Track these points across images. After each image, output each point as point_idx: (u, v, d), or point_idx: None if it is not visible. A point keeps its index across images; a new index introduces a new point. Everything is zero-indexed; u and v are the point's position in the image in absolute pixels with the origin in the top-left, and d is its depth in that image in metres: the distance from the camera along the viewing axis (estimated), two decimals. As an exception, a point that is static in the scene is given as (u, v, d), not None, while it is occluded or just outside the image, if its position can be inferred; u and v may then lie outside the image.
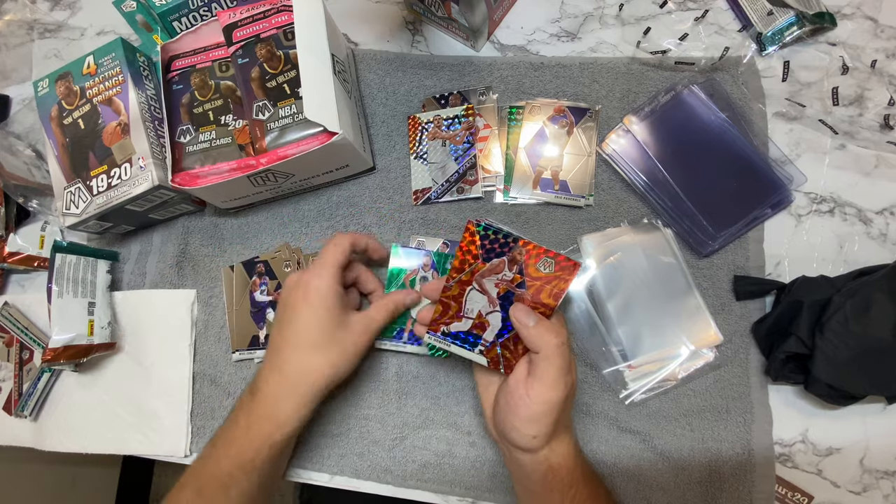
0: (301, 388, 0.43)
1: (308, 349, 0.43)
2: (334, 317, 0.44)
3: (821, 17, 0.52)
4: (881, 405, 0.47)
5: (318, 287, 0.44)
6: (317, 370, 0.43)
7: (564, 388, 0.39)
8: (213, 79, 0.54)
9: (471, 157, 0.54)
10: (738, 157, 0.51)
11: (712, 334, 0.48)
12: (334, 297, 0.44)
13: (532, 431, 0.39)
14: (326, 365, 0.43)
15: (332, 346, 0.44)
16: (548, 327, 0.39)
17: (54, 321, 0.52)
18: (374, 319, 0.46)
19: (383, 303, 0.47)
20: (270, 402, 0.43)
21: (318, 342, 0.43)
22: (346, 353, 0.44)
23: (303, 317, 0.44)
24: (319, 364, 0.43)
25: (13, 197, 0.60)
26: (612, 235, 0.52)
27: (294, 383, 0.43)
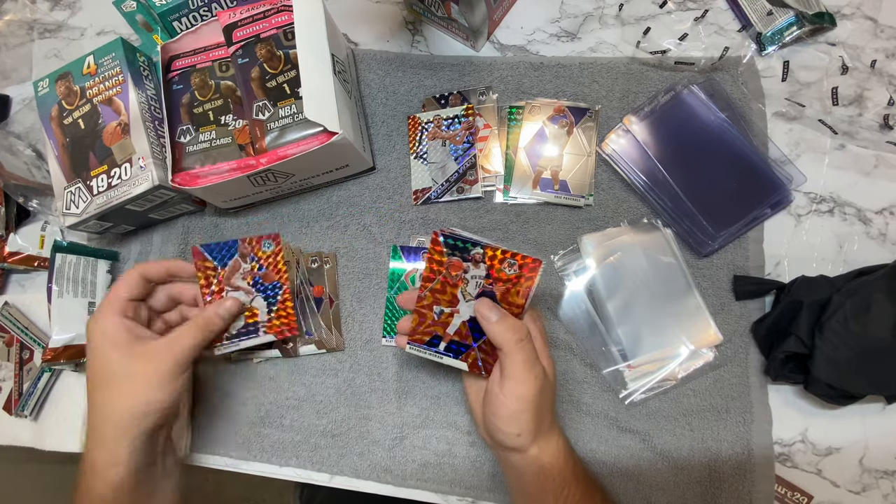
0: (108, 431, 0.41)
1: (102, 390, 0.42)
2: (123, 351, 0.42)
3: (820, 17, 0.52)
4: (881, 405, 0.47)
5: (98, 329, 0.43)
6: (116, 408, 0.41)
7: (534, 381, 0.39)
8: (213, 79, 0.54)
9: (471, 156, 0.54)
10: (737, 157, 0.51)
11: (712, 334, 0.48)
12: (116, 332, 0.42)
13: (514, 429, 0.40)
14: (125, 402, 0.41)
15: (127, 381, 0.41)
16: (508, 325, 0.40)
17: (54, 321, 0.52)
18: (175, 340, 0.43)
19: (193, 321, 0.45)
20: (87, 451, 0.42)
21: (111, 381, 0.42)
22: (149, 381, 0.41)
23: (92, 360, 0.43)
24: (118, 402, 0.41)
25: (13, 197, 0.60)
26: (611, 235, 0.52)
27: (100, 428, 0.42)
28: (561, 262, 0.52)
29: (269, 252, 0.48)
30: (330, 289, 0.55)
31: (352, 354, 0.54)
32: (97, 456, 0.41)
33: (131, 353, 0.42)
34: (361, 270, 0.55)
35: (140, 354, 0.42)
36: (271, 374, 0.55)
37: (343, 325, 0.55)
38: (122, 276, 0.46)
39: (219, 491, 1.30)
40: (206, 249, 0.47)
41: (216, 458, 0.54)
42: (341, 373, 0.54)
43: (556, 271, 0.53)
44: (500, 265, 0.40)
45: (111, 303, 0.44)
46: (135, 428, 0.41)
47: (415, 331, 0.43)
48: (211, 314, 0.46)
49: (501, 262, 0.40)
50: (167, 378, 0.42)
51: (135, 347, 0.42)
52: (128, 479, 0.41)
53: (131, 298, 0.45)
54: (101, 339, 0.42)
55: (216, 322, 0.46)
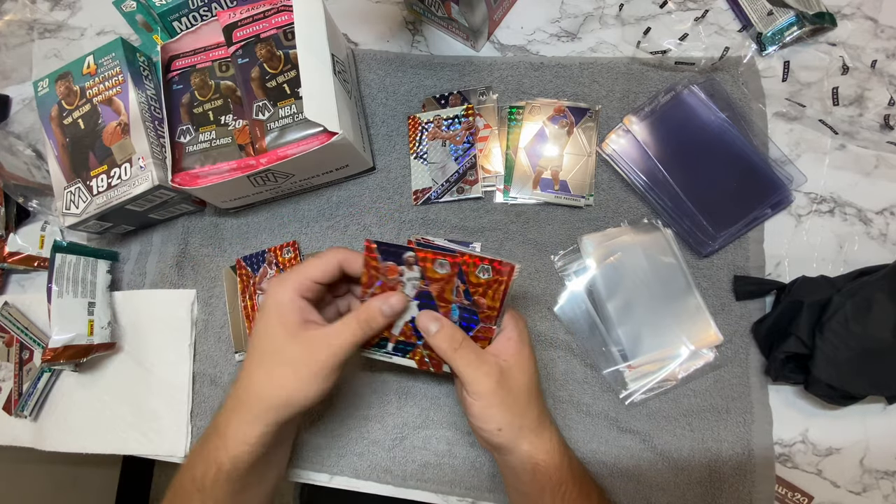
0: (248, 407, 0.40)
1: (257, 366, 0.41)
2: (289, 331, 0.40)
3: (821, 17, 0.52)
4: (881, 405, 0.47)
5: (275, 300, 0.40)
6: (266, 391, 0.40)
7: (484, 377, 0.40)
8: (213, 79, 0.54)
9: (471, 157, 0.54)
10: (738, 157, 0.51)
11: (712, 334, 0.48)
12: (289, 310, 0.40)
13: (491, 425, 0.40)
14: (274, 387, 0.40)
15: (281, 366, 0.40)
16: (445, 335, 0.41)
17: (54, 321, 0.52)
18: (336, 334, 0.40)
19: (353, 314, 0.41)
20: (222, 418, 0.41)
21: (266, 361, 0.40)
22: (300, 373, 0.39)
23: (258, 331, 0.41)
24: (267, 385, 0.40)
25: (13, 197, 0.60)
26: (612, 235, 0.52)
27: (243, 402, 0.41)
28: (561, 262, 0.52)
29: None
30: (330, 289, 0.55)
31: (351, 354, 0.54)
32: (233, 428, 0.40)
33: (295, 336, 0.40)
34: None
35: (302, 340, 0.40)
36: (271, 375, 0.55)
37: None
38: (323, 254, 0.42)
39: (219, 491, 1.29)
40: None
41: (216, 459, 0.54)
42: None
43: (557, 271, 0.52)
44: (474, 271, 0.40)
45: (297, 278, 0.41)
46: (276, 415, 0.40)
47: None
48: (375, 309, 0.41)
49: (476, 268, 0.40)
50: (321, 374, 0.39)
51: (300, 332, 0.40)
52: (248, 459, 0.40)
53: (318, 281, 0.41)
54: (274, 312, 0.40)
55: (378, 319, 0.41)
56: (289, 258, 0.55)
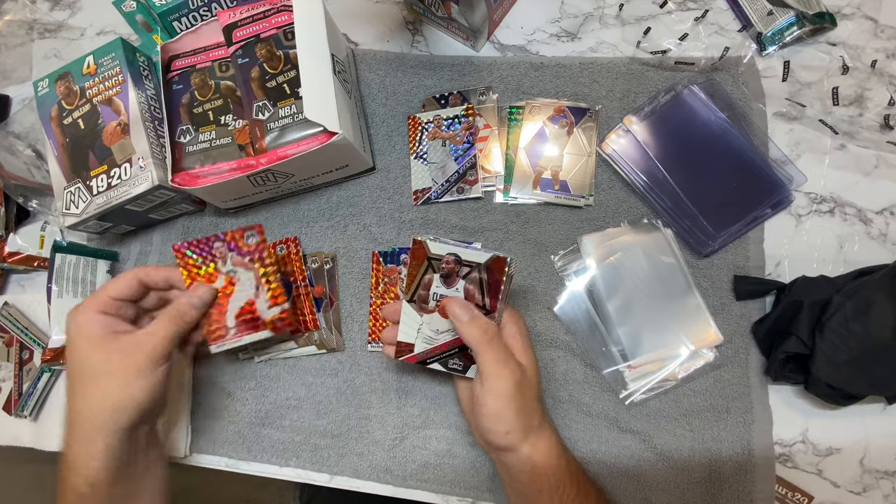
0: (85, 426, 0.40)
1: (79, 387, 0.41)
2: (96, 345, 0.41)
3: (821, 17, 0.52)
4: (881, 405, 0.47)
5: (76, 322, 0.42)
6: (90, 405, 0.40)
7: (509, 376, 0.40)
8: (213, 79, 0.54)
9: (471, 157, 0.54)
10: (737, 157, 0.51)
11: (712, 334, 0.48)
12: (93, 327, 0.41)
13: (502, 427, 0.40)
14: (99, 398, 0.40)
15: (101, 375, 0.40)
16: (478, 324, 0.40)
17: (54, 321, 0.52)
18: (149, 334, 0.42)
19: (164, 311, 0.43)
20: (65, 447, 0.41)
21: (84, 376, 0.41)
22: (118, 378, 0.40)
23: (71, 354, 0.42)
24: (91, 398, 0.40)
25: (13, 197, 0.60)
26: (612, 235, 0.52)
27: (74, 425, 0.41)
28: (561, 262, 0.52)
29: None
30: (330, 289, 0.55)
31: (352, 355, 0.54)
32: (74, 452, 0.41)
33: (106, 348, 0.41)
34: (361, 271, 0.55)
35: (114, 349, 0.41)
36: (271, 375, 0.55)
37: (343, 326, 0.55)
38: (119, 275, 0.45)
39: (219, 491, 1.30)
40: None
41: (216, 458, 0.54)
42: (341, 373, 0.54)
43: (557, 271, 0.52)
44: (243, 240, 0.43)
45: (93, 299, 0.43)
46: (111, 424, 0.40)
47: None
48: (183, 304, 0.44)
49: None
50: (142, 373, 0.41)
51: (110, 342, 0.41)
52: (105, 475, 0.40)
53: (118, 298, 0.44)
54: (75, 333, 0.42)
55: (189, 312, 0.44)
56: (283, 255, 0.54)
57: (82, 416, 0.41)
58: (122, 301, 0.44)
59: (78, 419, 0.41)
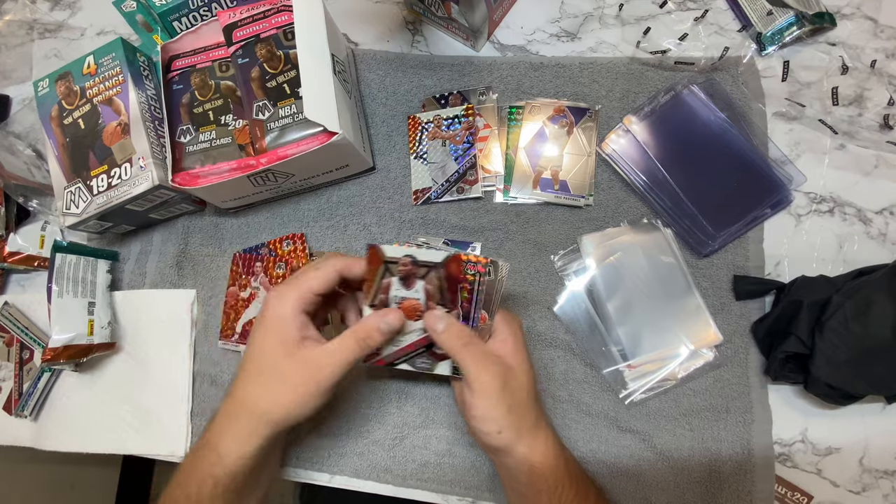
0: (244, 423, 0.40)
1: (254, 381, 0.40)
2: (288, 348, 0.39)
3: (820, 17, 0.52)
4: (881, 405, 0.47)
5: (276, 313, 0.40)
6: (261, 406, 0.40)
7: (490, 377, 0.39)
8: (213, 79, 0.54)
9: (471, 156, 0.54)
10: (737, 157, 0.51)
11: (712, 334, 0.48)
12: (289, 326, 0.39)
13: (492, 427, 0.40)
14: (272, 402, 0.39)
15: (280, 381, 0.39)
16: (454, 332, 0.40)
17: (54, 321, 0.52)
18: (333, 353, 0.39)
19: (351, 332, 0.40)
20: (216, 430, 0.41)
21: (264, 375, 0.40)
22: (297, 391, 0.39)
23: (256, 344, 0.41)
24: (263, 401, 0.40)
25: (13, 197, 0.60)
26: (611, 235, 0.52)
27: (238, 417, 0.40)
28: (561, 262, 0.52)
29: None
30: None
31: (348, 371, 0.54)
32: (227, 443, 0.40)
33: (293, 354, 0.39)
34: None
35: (301, 359, 0.39)
36: (271, 374, 0.55)
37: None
38: (322, 264, 0.41)
39: (219, 491, 1.29)
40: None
41: (216, 458, 0.54)
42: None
43: (556, 271, 0.53)
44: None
45: (299, 293, 0.40)
46: (269, 430, 0.40)
47: None
48: (372, 328, 0.40)
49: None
50: (318, 392, 0.39)
51: (298, 349, 0.39)
52: (245, 472, 0.40)
53: (318, 293, 0.41)
54: (272, 326, 0.40)
55: (375, 337, 0.40)
56: (288, 250, 0.55)
57: (248, 413, 0.40)
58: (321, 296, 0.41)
59: (241, 413, 0.40)
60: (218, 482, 0.40)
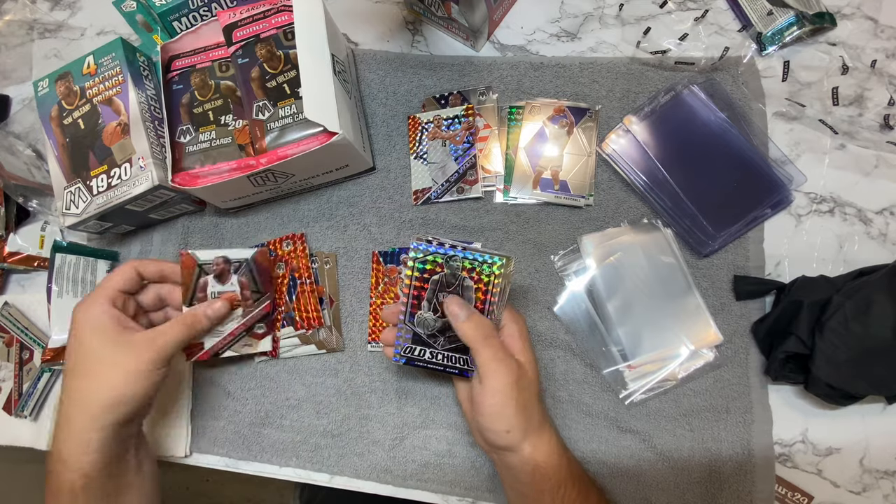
0: (80, 419, 0.41)
1: (82, 376, 0.42)
2: (108, 338, 0.42)
3: (821, 17, 0.52)
4: (881, 405, 0.47)
5: (86, 314, 0.43)
6: (93, 396, 0.41)
7: (506, 373, 0.40)
8: (213, 79, 0.54)
9: (471, 157, 0.54)
10: (737, 157, 0.51)
11: (712, 334, 0.48)
12: (103, 320, 0.42)
13: (502, 425, 0.40)
14: (101, 389, 0.41)
15: (107, 369, 0.41)
16: (475, 322, 0.41)
17: (54, 321, 0.52)
18: (160, 333, 0.43)
19: (180, 317, 0.46)
20: (56, 441, 0.41)
21: (90, 368, 0.42)
22: (126, 373, 0.41)
23: (74, 346, 0.43)
24: (94, 389, 0.41)
25: (13, 197, 0.60)
26: (612, 235, 0.52)
27: (72, 415, 0.41)
28: (561, 262, 0.52)
29: None
30: (330, 289, 0.55)
31: (352, 355, 0.54)
32: (68, 446, 0.41)
33: (115, 342, 0.42)
34: (361, 270, 0.55)
35: (123, 343, 0.42)
36: (271, 374, 0.55)
37: (343, 326, 0.55)
38: (117, 268, 0.47)
39: (219, 491, 1.30)
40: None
41: (216, 458, 0.54)
42: (341, 373, 0.54)
43: (556, 271, 0.53)
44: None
45: (103, 291, 0.44)
46: (108, 416, 0.41)
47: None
48: (199, 313, 0.47)
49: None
50: (146, 371, 0.42)
51: (119, 336, 0.42)
52: (99, 469, 0.41)
53: (123, 290, 0.45)
54: (85, 325, 0.42)
55: (202, 322, 0.46)
56: (288, 251, 0.55)
57: (79, 408, 0.41)
58: (125, 294, 0.46)
59: (74, 412, 0.41)
60: (73, 486, 0.40)
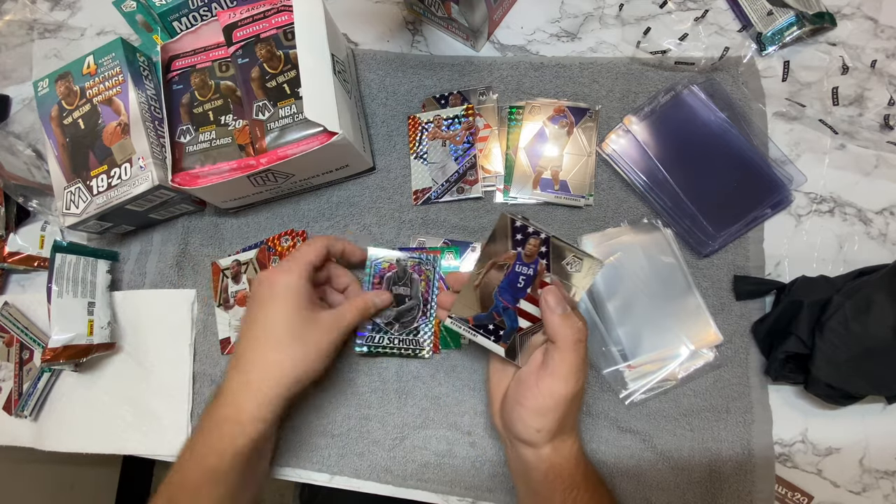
0: (263, 387, 0.42)
1: (272, 347, 0.42)
2: (301, 313, 0.43)
3: (821, 17, 0.52)
4: (881, 405, 0.47)
5: (286, 283, 0.43)
6: (280, 368, 0.42)
7: (575, 384, 0.39)
8: (213, 79, 0.54)
9: (471, 157, 0.54)
10: (737, 157, 0.51)
11: (712, 334, 0.48)
12: (302, 293, 0.43)
13: (537, 424, 0.39)
14: (290, 363, 0.42)
15: (297, 343, 0.42)
16: (572, 322, 0.40)
17: (54, 321, 0.52)
18: (342, 316, 0.45)
19: (354, 302, 0.47)
20: (231, 403, 0.42)
21: (282, 339, 0.42)
22: (312, 351, 0.43)
23: (269, 314, 0.43)
24: (282, 362, 0.42)
25: (13, 197, 0.60)
26: (612, 235, 0.52)
27: (256, 382, 0.42)
28: (561, 262, 0.52)
29: None
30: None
31: (352, 355, 0.54)
32: (248, 409, 0.41)
33: (308, 318, 0.43)
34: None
35: (313, 321, 0.43)
36: (271, 375, 0.55)
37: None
38: (308, 241, 0.48)
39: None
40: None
41: (216, 459, 0.54)
42: (342, 373, 0.54)
43: (557, 271, 0.53)
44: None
45: (300, 264, 0.44)
46: (287, 392, 0.42)
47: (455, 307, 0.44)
48: (370, 299, 0.48)
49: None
50: (329, 351, 0.44)
51: (310, 312, 0.44)
52: (262, 437, 0.42)
53: (315, 265, 0.46)
54: (283, 294, 0.43)
55: (371, 309, 0.48)
56: (287, 246, 0.56)
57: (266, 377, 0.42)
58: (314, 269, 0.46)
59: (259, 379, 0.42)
60: (238, 450, 0.41)
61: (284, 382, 0.42)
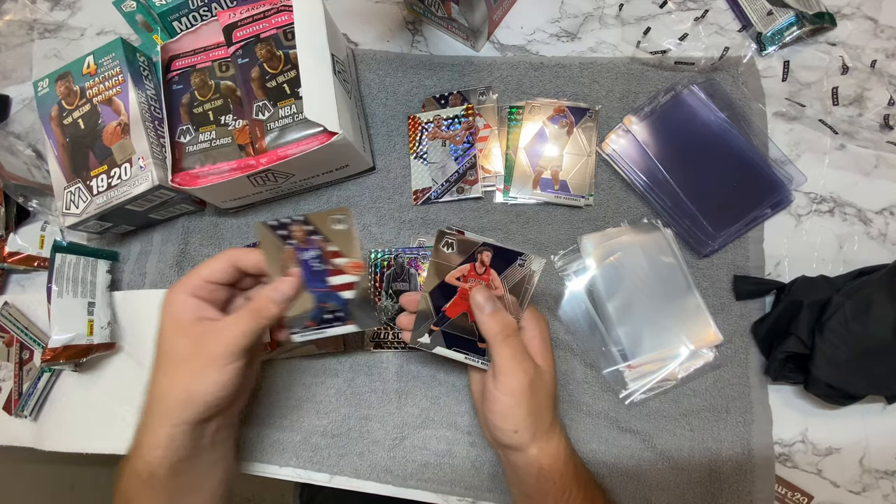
0: (153, 412, 0.40)
1: (158, 370, 0.41)
2: (180, 330, 0.40)
3: (821, 17, 0.52)
4: (881, 405, 0.47)
5: (166, 302, 0.41)
6: (164, 392, 0.40)
7: (523, 374, 0.39)
8: (213, 79, 0.54)
9: (471, 157, 0.54)
10: (737, 157, 0.51)
11: (712, 334, 0.48)
12: (183, 309, 0.40)
13: (510, 425, 0.40)
14: (173, 385, 0.39)
15: (179, 362, 0.39)
16: (498, 318, 0.40)
17: (54, 321, 0.52)
18: (227, 325, 0.39)
19: (247, 306, 0.40)
20: (138, 429, 0.41)
21: (165, 361, 0.40)
22: (194, 367, 0.39)
23: (158, 334, 0.41)
24: (167, 385, 0.40)
25: (13, 197, 0.60)
26: (611, 235, 0.52)
27: (149, 408, 0.41)
28: (561, 262, 0.52)
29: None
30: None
31: (352, 354, 0.54)
32: (142, 435, 0.40)
33: (188, 333, 0.39)
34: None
35: (194, 335, 0.39)
36: (271, 375, 0.55)
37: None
38: (214, 256, 0.42)
39: (219, 491, 1.29)
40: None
41: (216, 459, 0.54)
42: (341, 373, 0.54)
43: (557, 271, 0.53)
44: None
45: (187, 279, 0.41)
46: (178, 414, 0.39)
47: None
48: (263, 300, 0.40)
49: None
50: (216, 365, 0.38)
51: (192, 328, 0.40)
52: (165, 465, 0.39)
53: (210, 281, 0.41)
54: (164, 315, 0.41)
55: (270, 308, 0.40)
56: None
57: (156, 399, 0.40)
58: (216, 284, 0.41)
59: (152, 402, 0.41)
60: (139, 475, 0.40)
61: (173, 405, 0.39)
